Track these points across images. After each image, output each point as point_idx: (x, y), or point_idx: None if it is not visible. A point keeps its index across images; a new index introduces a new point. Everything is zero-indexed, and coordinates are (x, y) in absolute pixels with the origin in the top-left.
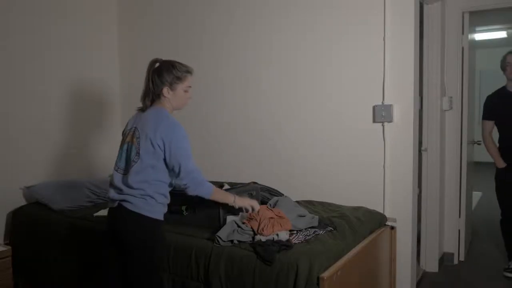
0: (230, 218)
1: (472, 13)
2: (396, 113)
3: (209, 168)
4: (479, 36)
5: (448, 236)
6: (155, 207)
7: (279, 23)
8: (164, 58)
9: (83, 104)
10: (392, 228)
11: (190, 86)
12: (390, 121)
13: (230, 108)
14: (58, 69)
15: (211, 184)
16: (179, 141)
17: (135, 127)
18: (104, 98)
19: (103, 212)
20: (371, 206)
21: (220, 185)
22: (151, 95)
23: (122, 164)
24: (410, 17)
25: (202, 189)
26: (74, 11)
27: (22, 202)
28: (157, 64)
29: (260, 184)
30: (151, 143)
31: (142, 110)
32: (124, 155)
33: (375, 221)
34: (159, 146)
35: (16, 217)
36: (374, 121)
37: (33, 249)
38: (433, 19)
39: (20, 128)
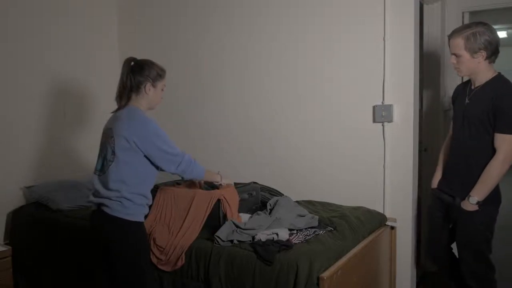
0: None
1: (472, 13)
2: (396, 113)
3: (209, 168)
4: None
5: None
6: (133, 209)
7: (279, 23)
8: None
9: (84, 105)
10: (392, 228)
11: (165, 85)
12: (390, 121)
13: (230, 108)
14: (58, 69)
15: (200, 167)
16: (154, 135)
17: (110, 128)
18: (104, 99)
19: None
20: (371, 206)
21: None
22: (127, 93)
23: (99, 166)
24: (410, 17)
25: (196, 170)
26: (74, 11)
27: (22, 202)
28: (133, 63)
29: (260, 184)
30: (126, 140)
31: (117, 110)
32: (101, 156)
33: (375, 221)
34: (135, 143)
35: (16, 217)
36: (374, 121)
37: (33, 249)
38: (433, 19)
39: (20, 128)
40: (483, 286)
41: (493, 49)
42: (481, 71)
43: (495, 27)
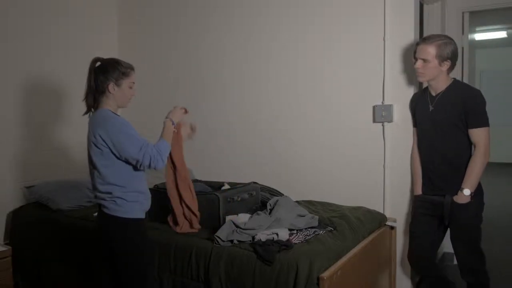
0: (229, 218)
1: (472, 13)
2: (396, 113)
3: (209, 168)
4: (479, 36)
5: (448, 236)
6: (128, 207)
7: (279, 23)
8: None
9: (84, 105)
10: (392, 228)
11: (134, 82)
12: (390, 121)
13: (230, 108)
14: (58, 70)
15: (162, 142)
16: (116, 131)
17: (87, 137)
18: None
19: None
20: (371, 206)
21: (220, 185)
22: (94, 93)
23: (90, 173)
24: (410, 17)
25: (163, 154)
26: (74, 11)
27: (22, 202)
28: (99, 63)
29: (260, 184)
30: (96, 146)
31: (87, 112)
32: (89, 164)
33: (375, 221)
34: (103, 146)
35: (16, 217)
36: (374, 121)
37: (33, 249)
38: (433, 19)
39: (20, 128)
40: (478, 280)
41: (455, 61)
42: (441, 78)
43: (495, 27)
